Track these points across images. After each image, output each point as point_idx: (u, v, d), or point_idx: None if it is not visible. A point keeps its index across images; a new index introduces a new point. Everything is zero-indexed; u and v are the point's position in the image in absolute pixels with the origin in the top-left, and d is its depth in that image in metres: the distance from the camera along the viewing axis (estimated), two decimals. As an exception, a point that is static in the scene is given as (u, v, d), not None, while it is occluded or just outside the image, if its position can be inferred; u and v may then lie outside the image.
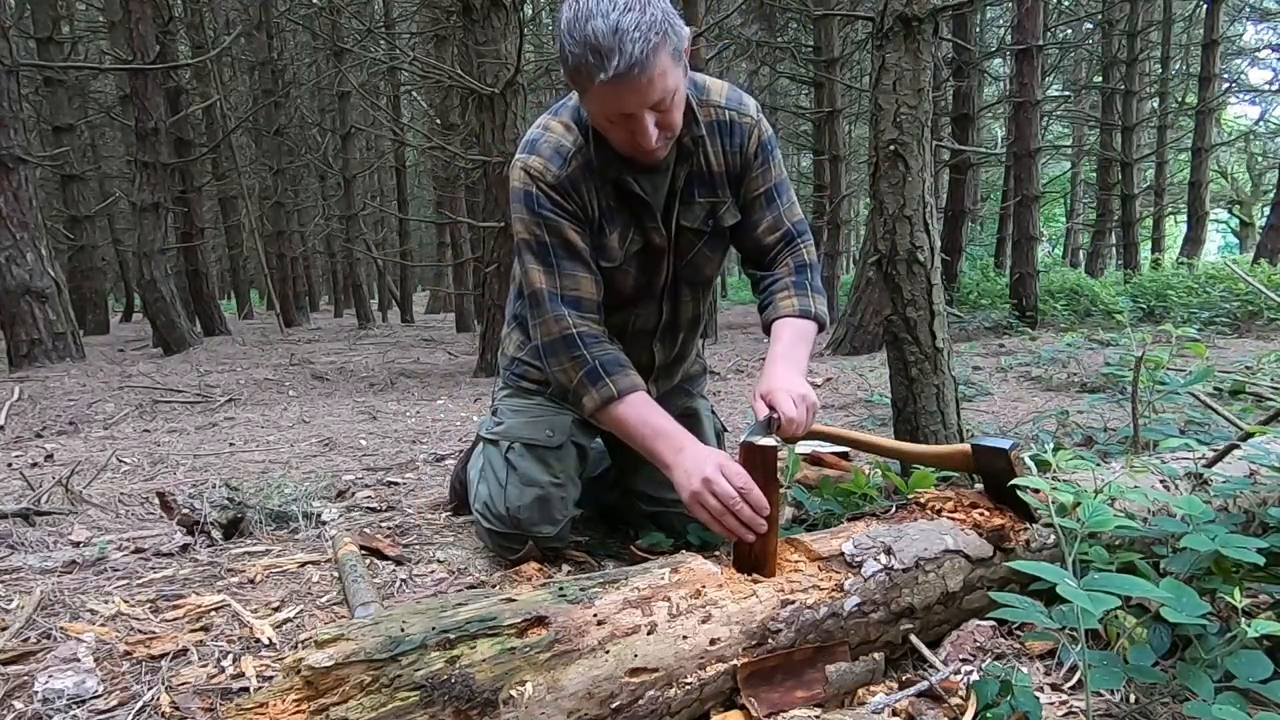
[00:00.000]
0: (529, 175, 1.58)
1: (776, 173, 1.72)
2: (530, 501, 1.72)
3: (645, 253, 1.68)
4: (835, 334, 7.81)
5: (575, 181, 1.58)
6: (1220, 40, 13.39)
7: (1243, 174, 24.76)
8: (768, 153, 1.70)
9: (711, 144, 1.65)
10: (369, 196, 17.00)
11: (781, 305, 1.68)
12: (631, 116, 1.41)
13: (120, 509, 2.38)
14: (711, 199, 1.68)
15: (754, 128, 1.67)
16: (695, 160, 1.64)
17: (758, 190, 1.71)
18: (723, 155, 1.66)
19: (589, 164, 1.58)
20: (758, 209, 1.72)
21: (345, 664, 0.90)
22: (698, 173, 1.65)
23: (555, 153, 1.58)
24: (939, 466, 1.70)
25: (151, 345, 9.71)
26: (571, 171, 1.58)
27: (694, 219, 1.68)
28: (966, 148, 8.83)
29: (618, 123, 1.44)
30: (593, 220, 1.62)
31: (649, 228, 1.65)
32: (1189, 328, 2.16)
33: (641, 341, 1.80)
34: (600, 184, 1.60)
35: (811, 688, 1.14)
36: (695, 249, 1.72)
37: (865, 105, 12.79)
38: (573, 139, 1.59)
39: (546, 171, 1.57)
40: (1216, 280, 8.83)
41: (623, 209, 1.63)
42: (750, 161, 1.68)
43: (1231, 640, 1.07)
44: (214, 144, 12.14)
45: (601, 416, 1.56)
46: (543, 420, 1.80)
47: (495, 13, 5.42)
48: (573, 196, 1.58)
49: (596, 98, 1.40)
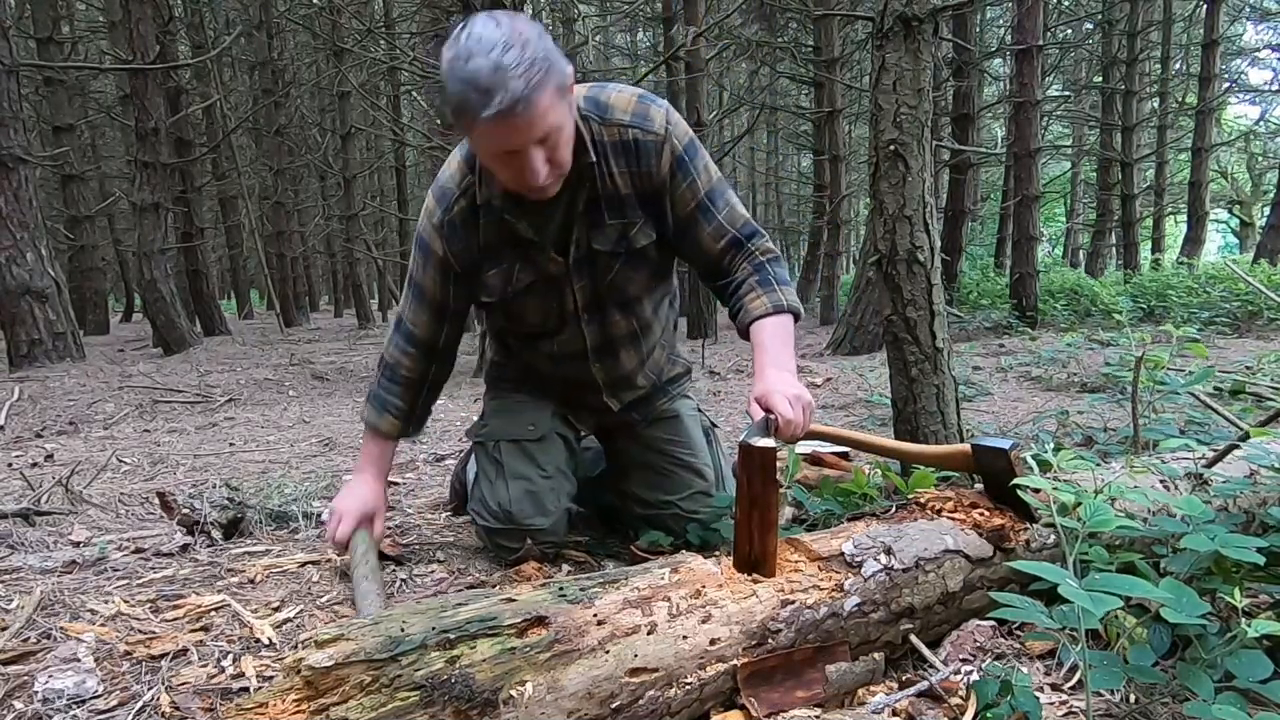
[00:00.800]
0: (425, 214, 1.70)
1: (706, 182, 1.65)
2: (520, 494, 1.74)
3: (542, 283, 1.68)
4: (835, 334, 7.80)
5: (455, 225, 1.65)
6: (1220, 40, 13.38)
7: (1243, 174, 24.76)
8: (687, 165, 1.62)
9: (616, 164, 1.59)
10: (369, 196, 17.00)
11: (752, 307, 1.64)
12: (517, 154, 1.39)
13: (120, 509, 2.38)
14: (622, 220, 1.63)
15: (662, 144, 1.59)
16: (596, 184, 1.59)
17: (689, 204, 1.65)
18: (629, 177, 1.61)
19: (473, 207, 1.63)
20: (695, 222, 1.67)
21: (345, 664, 0.90)
22: (605, 196, 1.61)
23: (443, 195, 1.66)
24: (939, 466, 1.70)
25: (151, 345, 9.71)
26: (453, 216, 1.64)
27: (606, 241, 1.64)
28: (966, 148, 8.82)
29: (503, 161, 1.42)
30: (472, 260, 1.68)
31: (540, 260, 1.65)
32: (1189, 328, 2.16)
33: (576, 363, 1.80)
34: (484, 222, 1.64)
35: (811, 688, 1.14)
36: (613, 270, 1.68)
37: (865, 105, 12.79)
38: (460, 178, 1.64)
39: (434, 213, 1.67)
40: (1216, 280, 8.83)
41: (507, 245, 1.65)
42: (667, 180, 1.62)
43: (1231, 640, 1.07)
44: (214, 144, 12.14)
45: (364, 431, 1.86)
46: (523, 415, 1.84)
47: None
48: (450, 240, 1.66)
49: (482, 136, 1.39)
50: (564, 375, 1.84)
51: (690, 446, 1.93)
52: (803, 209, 17.25)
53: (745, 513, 1.25)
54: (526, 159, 1.40)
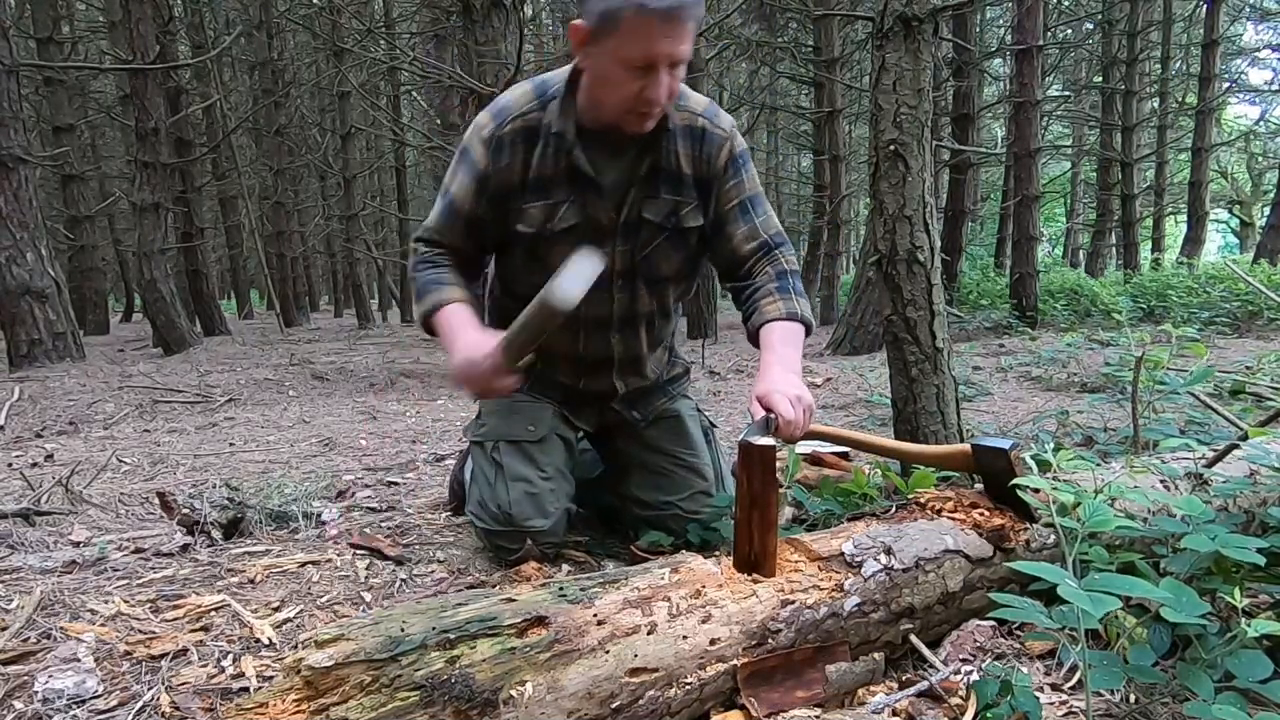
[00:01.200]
0: (474, 130, 1.68)
1: (751, 186, 1.76)
2: (519, 496, 1.73)
3: (584, 231, 1.68)
4: (835, 334, 7.80)
5: (503, 143, 1.64)
6: (1220, 40, 13.39)
7: (1243, 174, 24.76)
8: (740, 166, 1.73)
9: (682, 145, 1.68)
10: (369, 196, 16.99)
11: (767, 310, 1.68)
12: (651, 68, 1.45)
13: (120, 509, 2.38)
14: (676, 197, 1.70)
15: (727, 140, 1.71)
16: (662, 155, 1.67)
17: (732, 201, 1.74)
18: (691, 159, 1.69)
19: (531, 129, 1.63)
20: (733, 219, 1.74)
21: (345, 664, 0.90)
22: (665, 169, 1.68)
23: (500, 111, 1.66)
24: (939, 466, 1.70)
25: (151, 345, 9.71)
26: (505, 133, 1.64)
27: (657, 213, 1.70)
28: (966, 148, 8.83)
29: (634, 72, 1.46)
30: (512, 184, 1.66)
31: (594, 206, 1.67)
32: (1189, 328, 2.16)
33: (599, 332, 1.80)
34: (543, 153, 1.64)
35: (811, 688, 1.14)
36: (654, 244, 1.73)
37: (865, 105, 12.79)
38: (524, 103, 1.65)
39: (485, 127, 1.65)
40: (1216, 280, 8.83)
41: (562, 184, 1.65)
42: (721, 172, 1.72)
43: (1231, 640, 1.07)
44: (214, 144, 12.14)
45: (427, 325, 1.69)
46: (522, 416, 1.82)
47: (495, 13, 5.42)
48: (497, 156, 1.64)
49: (634, 33, 1.42)
50: (581, 348, 1.81)
51: (690, 447, 1.93)
52: (803, 209, 17.25)
53: (745, 512, 1.25)
54: (657, 75, 1.46)
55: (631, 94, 1.49)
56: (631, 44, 1.43)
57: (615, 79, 1.49)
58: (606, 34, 1.44)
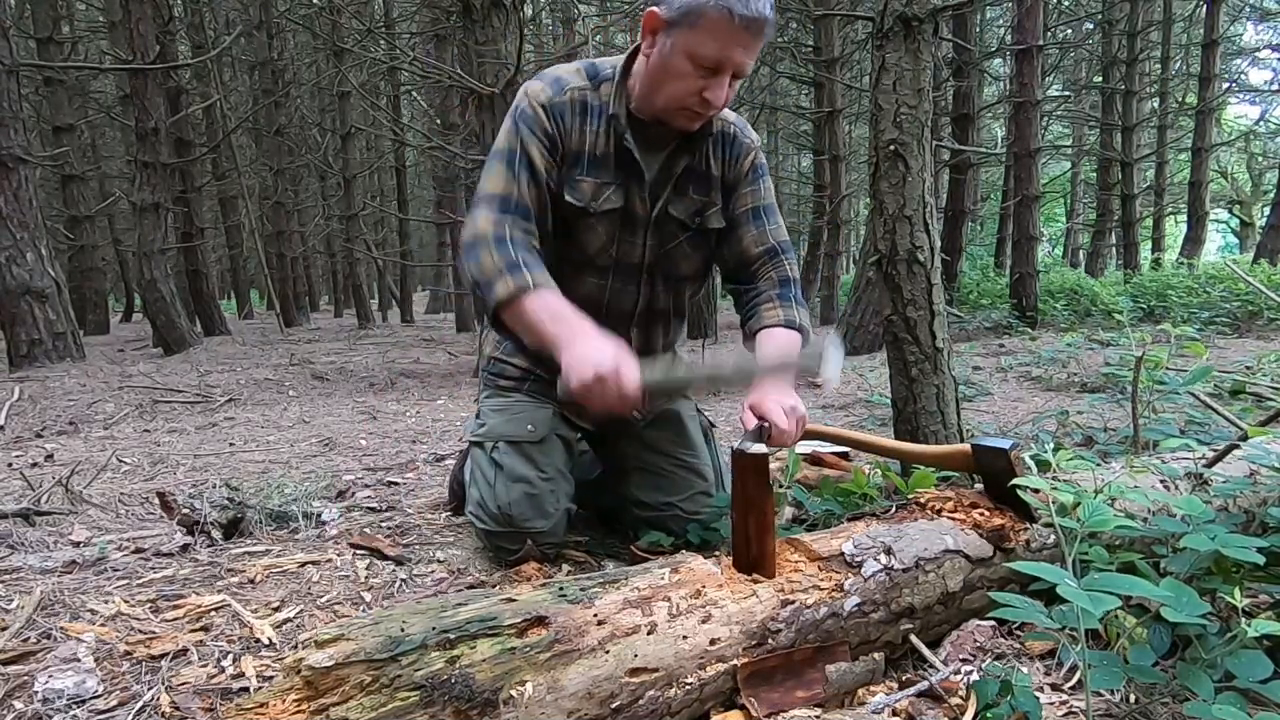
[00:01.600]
0: (526, 94, 1.66)
1: (766, 196, 1.80)
2: (519, 497, 1.73)
3: (621, 217, 1.70)
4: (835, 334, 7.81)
5: (563, 110, 1.64)
6: (1220, 40, 13.39)
7: (1243, 174, 24.76)
8: (759, 175, 1.79)
9: (714, 149, 1.74)
10: (369, 196, 16.99)
11: (766, 315, 1.72)
12: (719, 70, 1.48)
13: (120, 509, 2.38)
14: (704, 198, 1.75)
15: (752, 148, 1.78)
16: (696, 156, 1.71)
17: (746, 205, 1.78)
18: (720, 162, 1.75)
19: (585, 103, 1.65)
20: (745, 222, 1.78)
21: (345, 664, 0.90)
22: (696, 169, 1.72)
23: (556, 81, 1.66)
24: (939, 466, 1.70)
25: (151, 345, 9.71)
26: (563, 100, 1.65)
27: (683, 211, 1.73)
28: (966, 148, 8.83)
29: (700, 70, 1.49)
30: (568, 152, 1.66)
31: (633, 192, 1.68)
32: (1189, 328, 2.16)
33: (620, 324, 1.79)
34: (595, 129, 1.65)
35: (811, 688, 1.14)
36: (676, 241, 1.76)
37: (865, 105, 12.79)
38: (577, 80, 1.67)
39: (542, 93, 1.65)
40: (1216, 280, 8.83)
41: (609, 164, 1.67)
42: (742, 177, 1.77)
43: (1231, 640, 1.07)
44: (214, 144, 12.13)
45: (513, 307, 1.48)
46: (523, 416, 1.82)
47: (495, 13, 5.42)
48: (557, 121, 1.64)
49: (711, 32, 1.44)
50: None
51: (690, 447, 1.93)
52: (803, 209, 17.24)
53: (741, 516, 1.25)
54: (721, 79, 1.50)
55: (692, 90, 1.52)
56: (708, 42, 1.46)
57: (680, 72, 1.51)
58: (685, 27, 1.47)
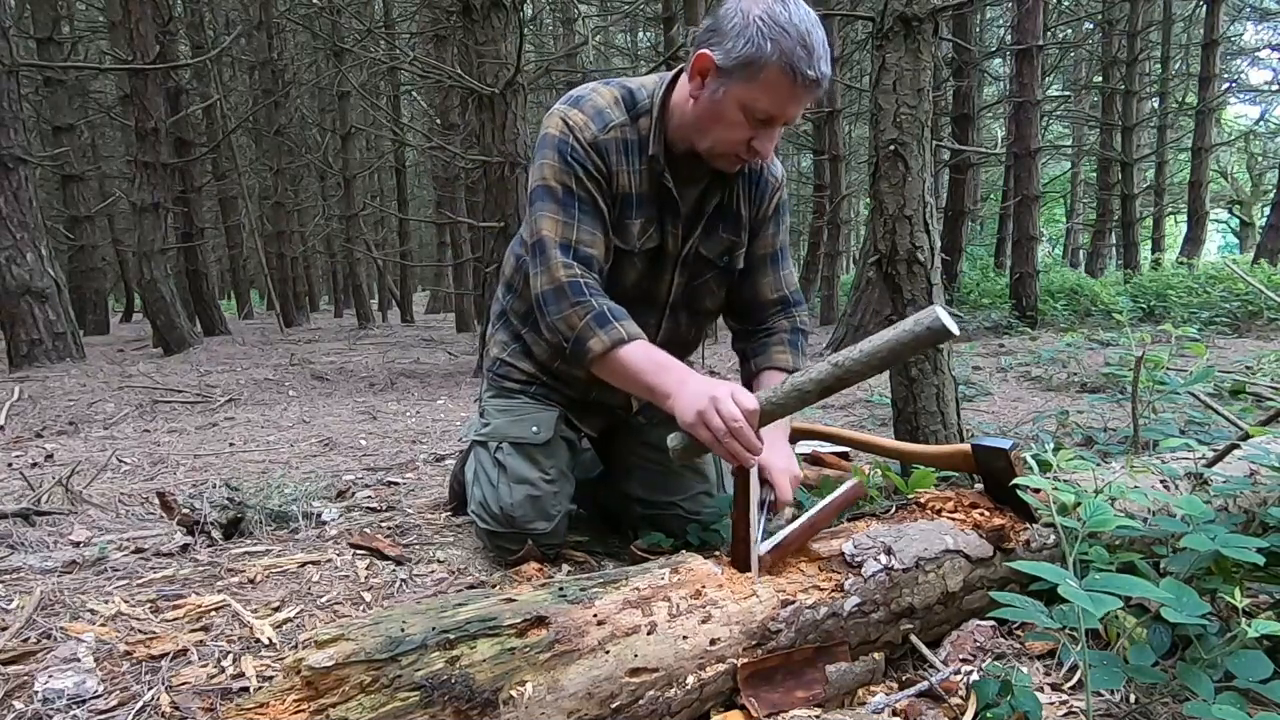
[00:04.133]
0: (568, 125, 1.57)
1: (784, 238, 1.81)
2: (522, 499, 1.73)
3: (657, 255, 1.69)
4: (835, 334, 7.80)
5: (609, 149, 1.58)
6: (1220, 40, 13.37)
7: (1243, 174, 24.74)
8: (781, 215, 1.78)
9: (743, 187, 1.71)
10: (369, 196, 16.98)
11: (777, 358, 1.73)
12: (771, 122, 1.46)
13: (120, 509, 2.38)
14: (733, 238, 1.74)
15: (779, 187, 1.76)
16: (726, 194, 1.69)
17: (767, 249, 1.78)
18: (749, 202, 1.73)
19: (627, 142, 1.60)
20: (764, 266, 1.78)
21: (345, 664, 0.90)
22: (727, 208, 1.70)
23: (599, 114, 1.59)
24: (939, 466, 1.70)
25: (151, 345, 9.71)
26: (608, 138, 1.58)
27: (712, 249, 1.72)
28: (966, 148, 8.82)
29: (751, 121, 1.46)
30: (616, 195, 1.61)
31: (669, 230, 1.66)
32: (1189, 328, 2.15)
33: None
34: (637, 169, 1.61)
35: (811, 688, 1.14)
36: (703, 278, 1.75)
37: (865, 105, 12.79)
38: (618, 114, 1.60)
39: (587, 128, 1.57)
40: (1216, 280, 8.83)
41: (651, 203, 1.64)
42: (768, 218, 1.76)
43: (1231, 640, 1.07)
44: (214, 144, 12.13)
45: (608, 360, 1.50)
46: (528, 418, 1.81)
47: (495, 13, 5.41)
48: (606, 160, 1.58)
49: (770, 89, 1.41)
50: None
51: None
52: (803, 209, 17.25)
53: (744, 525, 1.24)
54: (771, 131, 1.48)
55: (740, 140, 1.49)
56: (766, 97, 1.43)
57: (731, 120, 1.47)
58: (743, 79, 1.42)
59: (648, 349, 1.50)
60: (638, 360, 1.47)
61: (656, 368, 1.45)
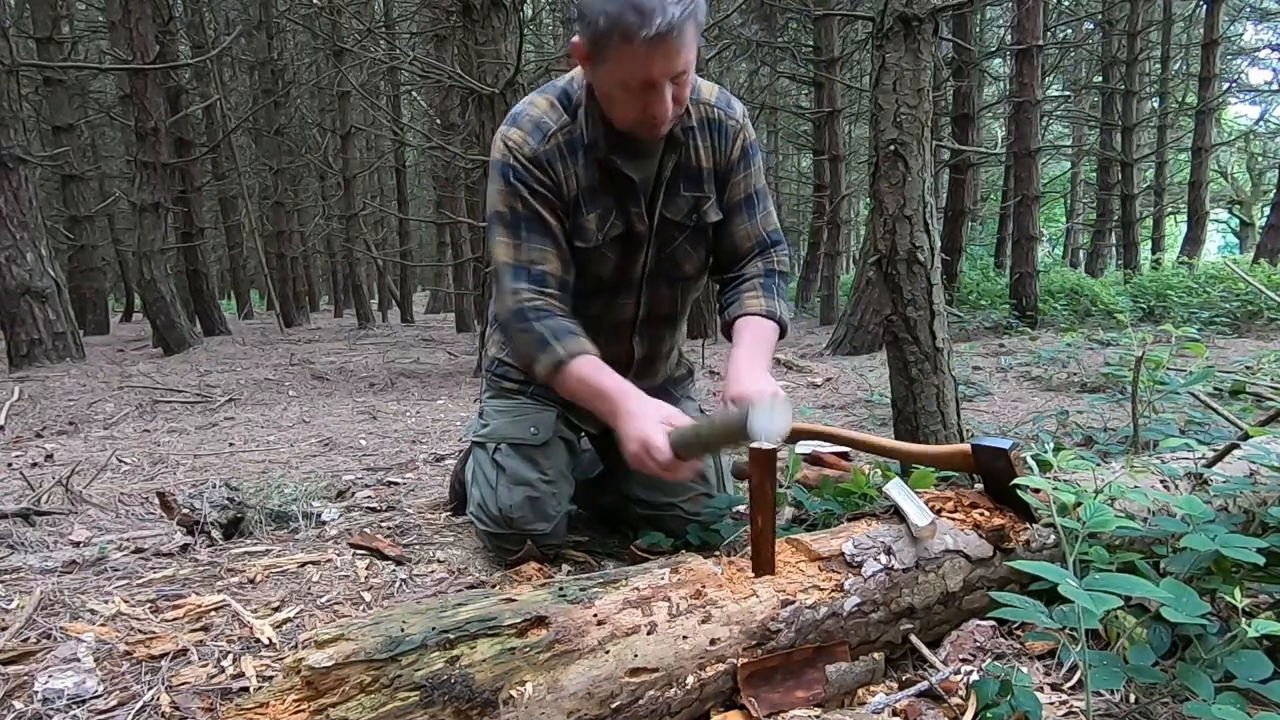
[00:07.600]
0: (508, 146, 1.59)
1: (758, 179, 1.76)
2: (521, 500, 1.73)
3: (625, 239, 1.68)
4: (835, 334, 7.80)
5: (552, 158, 1.59)
6: (1220, 40, 13.37)
7: (1243, 174, 24.75)
8: (750, 158, 1.73)
9: (700, 139, 1.67)
10: (369, 196, 16.99)
11: (748, 303, 1.70)
12: (652, 86, 1.42)
13: (120, 509, 2.38)
14: (696, 194, 1.70)
15: (740, 130, 1.71)
16: (683, 152, 1.65)
17: (739, 194, 1.74)
18: (709, 152, 1.68)
19: (571, 143, 1.60)
20: (739, 213, 1.75)
21: (345, 664, 0.90)
22: (685, 165, 1.67)
23: (536, 127, 1.59)
24: (939, 466, 1.70)
25: (151, 345, 9.71)
26: (550, 148, 1.59)
27: (677, 211, 1.69)
28: (966, 148, 8.83)
29: (634, 92, 1.44)
30: (568, 200, 1.62)
31: (632, 212, 1.65)
32: (1189, 328, 2.15)
33: (620, 334, 1.79)
34: (584, 164, 1.60)
35: (811, 688, 1.14)
36: (676, 242, 1.73)
37: (865, 105, 12.79)
38: (556, 117, 1.60)
39: (525, 144, 1.58)
40: (1216, 280, 8.83)
41: (605, 192, 1.63)
42: (734, 164, 1.72)
43: (1231, 640, 1.07)
44: (214, 144, 12.14)
45: (555, 382, 1.57)
46: (527, 418, 1.80)
47: (495, 13, 5.41)
48: (549, 172, 1.59)
49: (624, 60, 1.39)
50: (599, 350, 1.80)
51: None
52: (803, 209, 17.25)
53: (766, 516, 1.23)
54: (660, 91, 1.43)
55: (635, 110, 1.48)
56: (622, 69, 1.41)
57: (616, 98, 1.48)
58: (600, 59, 1.43)
59: (588, 371, 1.53)
60: (577, 384, 1.54)
61: (595, 394, 1.51)
